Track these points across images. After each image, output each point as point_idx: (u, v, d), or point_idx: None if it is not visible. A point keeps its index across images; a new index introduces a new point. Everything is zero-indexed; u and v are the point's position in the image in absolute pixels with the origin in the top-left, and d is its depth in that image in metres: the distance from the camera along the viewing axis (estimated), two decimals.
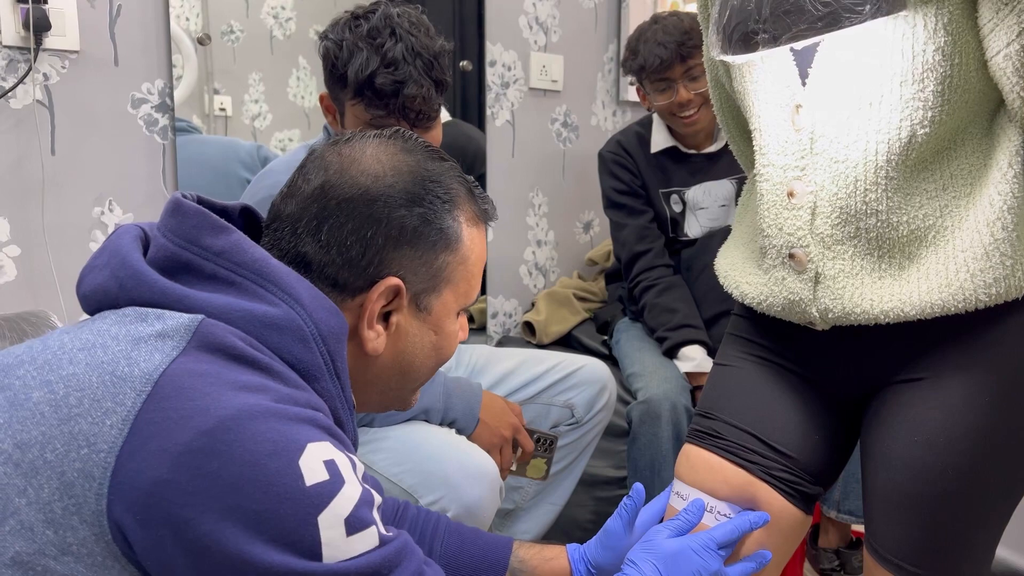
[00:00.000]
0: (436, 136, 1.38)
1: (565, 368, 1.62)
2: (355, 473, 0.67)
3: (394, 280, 0.76)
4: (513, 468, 1.47)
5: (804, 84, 0.89)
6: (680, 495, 1.01)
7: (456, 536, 1.01)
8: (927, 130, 0.82)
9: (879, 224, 0.85)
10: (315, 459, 0.63)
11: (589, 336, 2.14)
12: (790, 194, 0.90)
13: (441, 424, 1.36)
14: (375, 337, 0.78)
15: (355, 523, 0.65)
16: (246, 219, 0.83)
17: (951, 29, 0.80)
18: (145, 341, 0.65)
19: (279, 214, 0.78)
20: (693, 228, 1.95)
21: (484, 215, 0.84)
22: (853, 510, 1.70)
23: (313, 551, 0.62)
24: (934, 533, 0.89)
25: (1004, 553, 1.19)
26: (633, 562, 0.90)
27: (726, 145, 1.87)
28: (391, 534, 0.69)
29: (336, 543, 0.63)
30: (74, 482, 0.61)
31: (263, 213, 0.83)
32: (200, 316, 0.67)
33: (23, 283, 1.57)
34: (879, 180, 0.84)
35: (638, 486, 0.97)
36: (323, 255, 0.75)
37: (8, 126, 1.53)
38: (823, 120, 0.87)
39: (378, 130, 0.82)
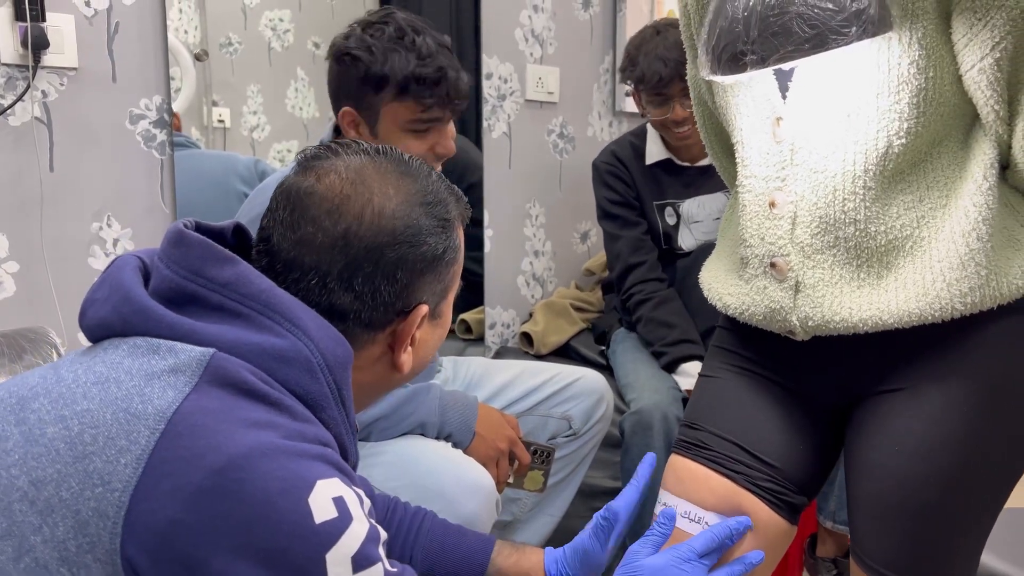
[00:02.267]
0: (451, 129, 1.42)
1: (562, 380, 1.63)
2: (362, 509, 0.68)
3: (424, 308, 0.80)
4: (510, 480, 1.47)
5: (784, 98, 0.91)
6: (666, 505, 1.01)
7: (439, 540, 1.02)
8: (903, 141, 0.84)
9: (857, 233, 0.87)
10: (324, 496, 0.64)
11: (587, 346, 2.15)
12: (771, 204, 0.92)
13: (437, 438, 1.37)
14: (408, 359, 0.82)
15: (361, 561, 0.66)
16: (239, 237, 0.83)
17: (925, 43, 0.82)
18: (158, 377, 0.66)
19: (298, 264, 0.76)
20: (687, 241, 1.95)
21: (466, 212, 0.87)
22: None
23: None
24: (918, 541, 0.90)
25: (989, 559, 1.20)
26: None
27: None
28: (396, 570, 0.70)
29: None
30: (88, 521, 0.61)
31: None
32: (211, 350, 0.67)
33: (22, 299, 1.58)
34: (856, 190, 0.86)
35: (613, 506, 0.98)
36: (358, 304, 0.76)
37: (7, 143, 1.55)
38: (803, 131, 0.89)
39: (353, 144, 0.81)
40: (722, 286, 1.03)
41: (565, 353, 2.18)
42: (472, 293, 2.30)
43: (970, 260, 0.83)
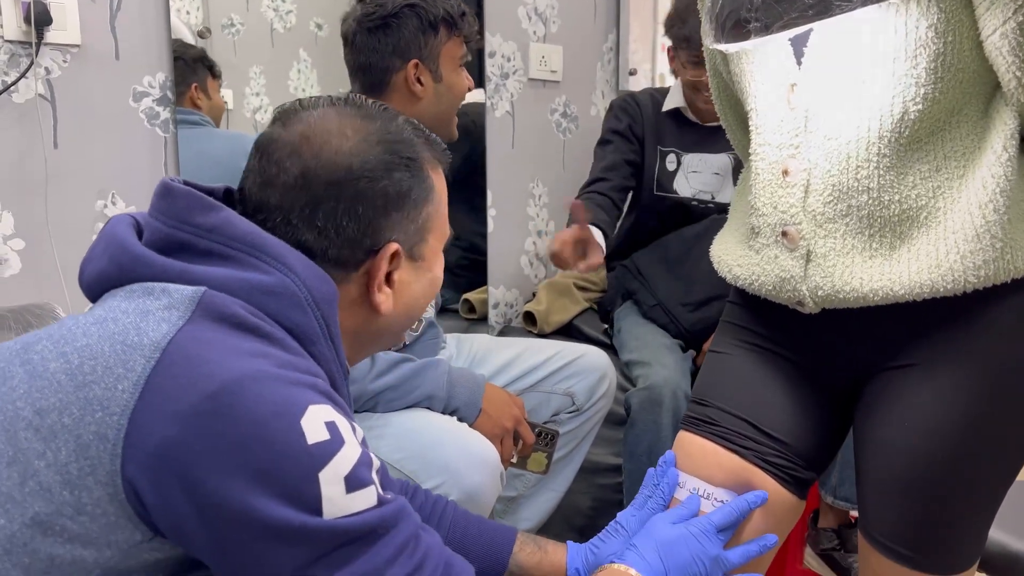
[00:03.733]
0: None
1: (565, 356, 1.63)
2: (355, 436, 0.70)
3: (394, 246, 0.81)
4: (514, 461, 1.48)
5: (799, 64, 0.89)
6: (679, 484, 1.01)
7: (461, 530, 1.02)
8: (919, 107, 0.82)
9: (870, 202, 0.86)
10: (316, 420, 0.66)
11: (590, 325, 2.16)
12: (784, 172, 0.91)
13: (443, 412, 1.37)
14: (385, 299, 0.83)
15: (354, 481, 0.67)
16: (228, 201, 0.86)
17: (944, 6, 0.80)
18: (152, 313, 0.68)
19: (265, 204, 0.80)
20: (683, 188, 2.00)
21: (443, 157, 0.88)
22: (848, 496, 1.71)
23: (314, 506, 0.65)
24: (926, 518, 0.90)
25: (997, 535, 1.20)
26: (635, 546, 0.92)
27: None
28: (389, 496, 0.72)
29: (336, 500, 0.66)
30: (89, 444, 0.64)
31: None
32: (203, 288, 0.70)
33: (28, 276, 1.59)
34: (871, 157, 0.85)
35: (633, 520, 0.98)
36: (323, 240, 0.79)
37: (10, 120, 1.55)
38: (817, 98, 0.88)
39: (324, 97, 0.85)
40: (732, 257, 1.03)
41: (568, 332, 2.18)
42: (475, 273, 2.31)
43: (986, 232, 0.82)
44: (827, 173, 0.87)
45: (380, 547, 0.69)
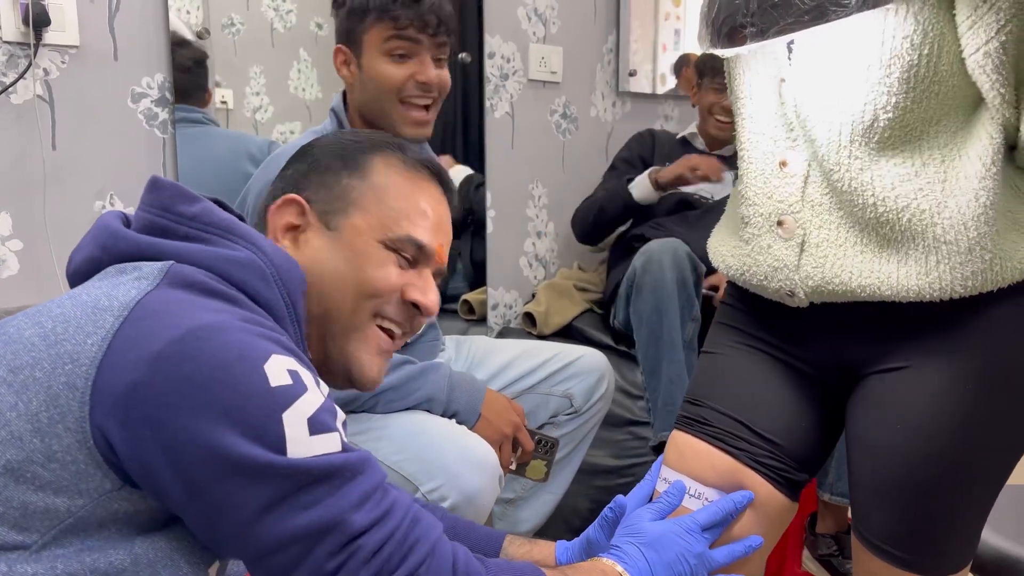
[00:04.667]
0: (446, 77, 1.45)
1: (563, 358, 1.63)
2: (318, 388, 0.72)
3: (291, 195, 0.87)
4: (513, 467, 1.48)
5: (789, 59, 0.90)
6: (667, 481, 1.02)
7: (450, 530, 1.02)
8: (889, 115, 0.83)
9: (848, 202, 0.87)
10: (279, 366, 0.68)
11: (590, 326, 2.16)
12: (782, 164, 0.92)
13: (443, 415, 1.37)
14: (287, 248, 0.86)
15: (318, 425, 0.69)
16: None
17: (922, 19, 0.80)
18: (123, 284, 0.72)
19: None
20: (686, 187, 2.18)
21: (414, 165, 0.91)
22: (846, 492, 1.72)
23: (279, 446, 0.66)
24: (920, 518, 0.90)
25: (989, 536, 1.20)
26: (617, 546, 0.91)
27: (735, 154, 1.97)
28: (355, 448, 0.73)
29: (300, 440, 0.67)
30: (59, 393, 0.66)
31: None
32: (170, 262, 0.74)
33: (26, 277, 1.59)
34: (841, 160, 0.86)
35: (620, 499, 0.98)
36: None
37: (9, 121, 1.55)
38: (803, 95, 0.89)
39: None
40: (725, 248, 1.04)
41: (568, 334, 2.18)
42: (474, 274, 2.31)
43: (976, 245, 0.83)
44: (820, 167, 0.89)
45: (346, 491, 0.69)
